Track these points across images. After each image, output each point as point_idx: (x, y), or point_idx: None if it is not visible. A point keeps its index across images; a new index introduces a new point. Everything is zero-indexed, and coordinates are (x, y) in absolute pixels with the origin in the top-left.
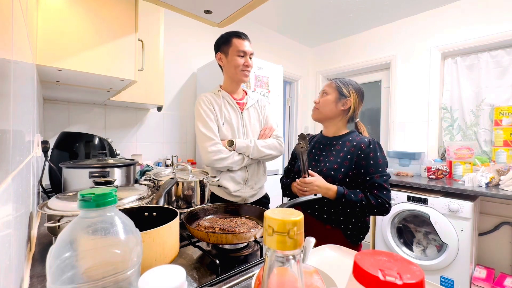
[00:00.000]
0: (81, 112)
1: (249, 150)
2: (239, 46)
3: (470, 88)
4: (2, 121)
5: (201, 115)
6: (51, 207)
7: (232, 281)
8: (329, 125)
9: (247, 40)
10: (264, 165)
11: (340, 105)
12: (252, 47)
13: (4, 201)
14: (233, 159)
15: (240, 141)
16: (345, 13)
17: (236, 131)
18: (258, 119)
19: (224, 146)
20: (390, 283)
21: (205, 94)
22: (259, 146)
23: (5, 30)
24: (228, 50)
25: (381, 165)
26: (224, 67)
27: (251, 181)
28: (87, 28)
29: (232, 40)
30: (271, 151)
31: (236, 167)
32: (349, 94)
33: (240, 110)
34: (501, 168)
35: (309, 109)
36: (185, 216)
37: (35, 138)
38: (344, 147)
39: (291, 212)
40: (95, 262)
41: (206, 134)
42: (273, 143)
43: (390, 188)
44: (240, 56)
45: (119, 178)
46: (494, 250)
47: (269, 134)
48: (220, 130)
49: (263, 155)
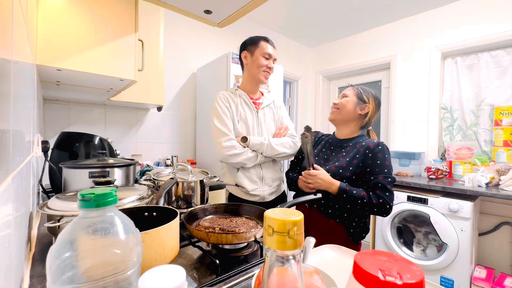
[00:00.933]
0: (81, 112)
1: (262, 147)
2: (266, 48)
3: (470, 88)
4: (2, 121)
5: (217, 111)
6: (51, 207)
7: (232, 281)
8: (344, 127)
9: (273, 47)
10: (280, 163)
11: (358, 109)
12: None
13: (4, 201)
14: (246, 156)
15: (254, 138)
16: (345, 13)
17: (251, 129)
18: (273, 119)
19: (238, 143)
20: (390, 283)
21: (222, 92)
22: (272, 144)
23: (5, 30)
24: (254, 50)
25: (388, 167)
26: (247, 66)
27: (267, 179)
28: (87, 28)
29: (260, 42)
30: (285, 149)
31: (250, 164)
32: (368, 101)
33: (256, 109)
34: (501, 168)
35: (309, 109)
36: (185, 216)
37: (35, 138)
38: (354, 148)
39: (291, 212)
40: (95, 262)
41: (221, 129)
42: (287, 141)
43: (393, 191)
44: (265, 57)
45: (119, 178)
46: (494, 250)
47: (284, 133)
48: (235, 127)
49: (276, 153)
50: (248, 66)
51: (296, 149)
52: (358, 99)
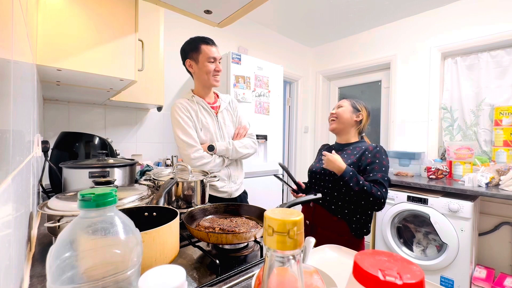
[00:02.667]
0: (81, 112)
1: (228, 152)
2: (209, 52)
3: (470, 88)
4: (2, 121)
5: (179, 123)
6: (51, 207)
7: (232, 281)
8: (344, 135)
9: (215, 46)
10: (241, 162)
11: (354, 116)
12: (219, 52)
13: (4, 201)
14: (214, 163)
15: (220, 144)
16: (345, 13)
17: (213, 134)
18: (232, 120)
19: (205, 151)
20: (390, 283)
21: (179, 100)
22: (237, 147)
23: (5, 31)
24: (198, 57)
25: (385, 166)
26: (195, 74)
27: (233, 177)
28: (87, 28)
29: (201, 46)
30: (248, 150)
31: (218, 169)
32: (361, 109)
33: (215, 114)
34: (501, 168)
35: (309, 109)
36: (185, 216)
37: (35, 138)
38: (355, 150)
39: (291, 212)
40: (95, 262)
41: (187, 141)
42: (249, 142)
43: (388, 190)
44: (210, 62)
45: (119, 178)
46: (494, 250)
47: (244, 134)
48: (199, 135)
49: (241, 155)
50: (196, 75)
51: (256, 148)
52: (352, 108)
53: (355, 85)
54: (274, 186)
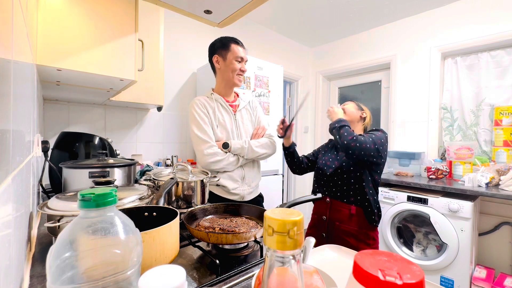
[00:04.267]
0: (81, 112)
1: (244, 151)
2: (238, 52)
3: (470, 88)
4: (2, 121)
5: (195, 119)
6: (51, 207)
7: (232, 281)
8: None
9: (243, 48)
10: (259, 164)
11: (359, 112)
12: None
13: (4, 201)
14: (228, 161)
15: (235, 142)
16: (345, 13)
17: (230, 132)
18: (251, 120)
19: (219, 148)
20: (390, 283)
21: (198, 97)
22: (253, 146)
23: (5, 30)
24: (226, 54)
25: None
26: (220, 70)
27: (247, 179)
28: (87, 28)
29: (231, 45)
30: (265, 150)
31: (232, 168)
32: (364, 109)
33: (233, 112)
34: (501, 168)
35: (309, 109)
36: (185, 216)
37: (35, 138)
38: None
39: (291, 212)
40: (95, 262)
41: (201, 137)
42: (266, 142)
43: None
44: (238, 61)
45: (119, 178)
46: (494, 250)
47: (262, 134)
48: (215, 132)
49: (257, 154)
50: (221, 71)
51: (275, 148)
52: (357, 106)
53: (355, 85)
54: (274, 186)
